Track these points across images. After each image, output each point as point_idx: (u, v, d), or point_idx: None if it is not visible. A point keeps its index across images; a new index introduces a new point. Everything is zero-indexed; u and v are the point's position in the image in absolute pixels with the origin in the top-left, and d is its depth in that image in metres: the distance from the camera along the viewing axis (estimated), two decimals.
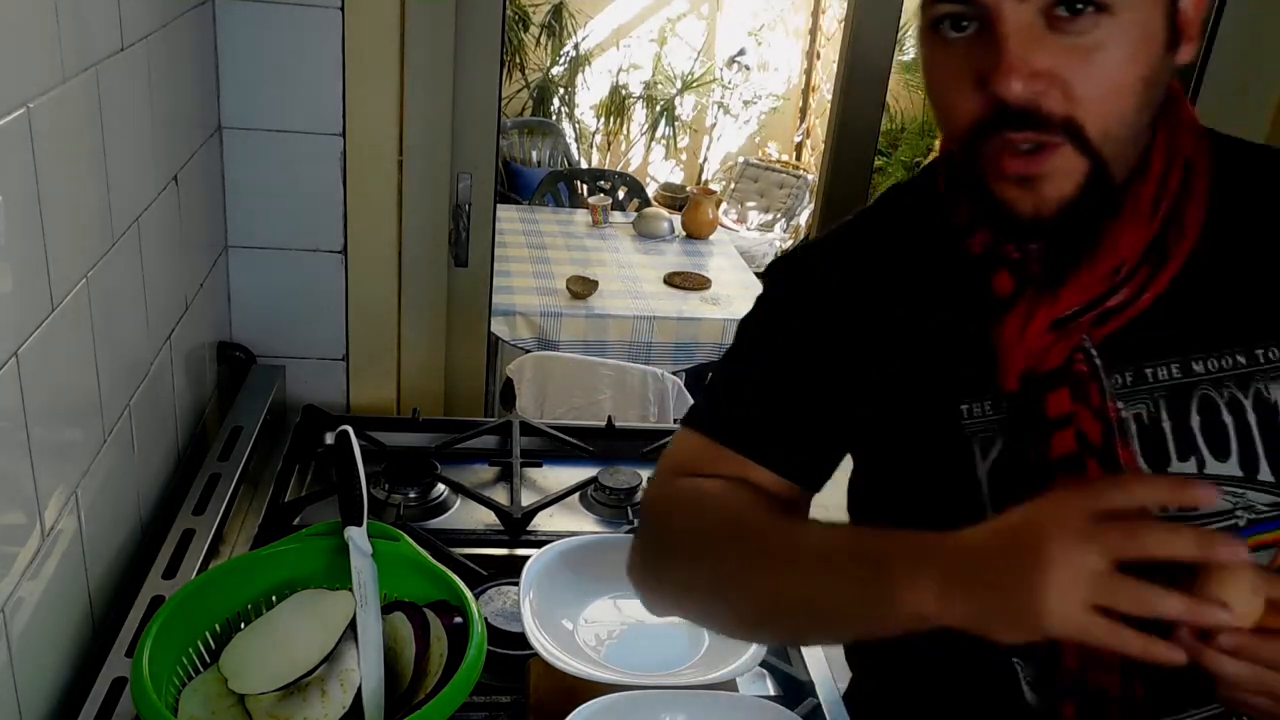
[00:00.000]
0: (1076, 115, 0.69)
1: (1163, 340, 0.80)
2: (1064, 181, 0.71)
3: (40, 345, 0.85)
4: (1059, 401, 0.77)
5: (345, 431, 1.07)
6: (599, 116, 5.95)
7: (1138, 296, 0.77)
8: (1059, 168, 0.70)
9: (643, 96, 5.95)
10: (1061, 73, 0.67)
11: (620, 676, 0.98)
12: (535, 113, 5.73)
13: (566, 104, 5.83)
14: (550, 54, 5.70)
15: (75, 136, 0.94)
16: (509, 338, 2.95)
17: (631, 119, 6.01)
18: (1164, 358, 0.80)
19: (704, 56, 5.94)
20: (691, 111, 6.02)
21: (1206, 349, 0.80)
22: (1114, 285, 0.77)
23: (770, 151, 6.14)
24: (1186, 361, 0.80)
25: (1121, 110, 0.70)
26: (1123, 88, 0.69)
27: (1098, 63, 0.68)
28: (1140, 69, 0.69)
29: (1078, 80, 0.68)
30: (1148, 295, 0.77)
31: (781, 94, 6.04)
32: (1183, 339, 0.80)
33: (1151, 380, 0.80)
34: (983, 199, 0.75)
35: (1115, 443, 0.77)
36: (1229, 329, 0.80)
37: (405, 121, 1.53)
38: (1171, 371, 0.80)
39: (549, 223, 3.82)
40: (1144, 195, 0.76)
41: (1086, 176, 0.71)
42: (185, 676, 0.90)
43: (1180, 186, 0.78)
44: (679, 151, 6.11)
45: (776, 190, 5.36)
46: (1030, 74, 0.67)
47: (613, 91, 5.88)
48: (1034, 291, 0.78)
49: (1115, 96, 0.69)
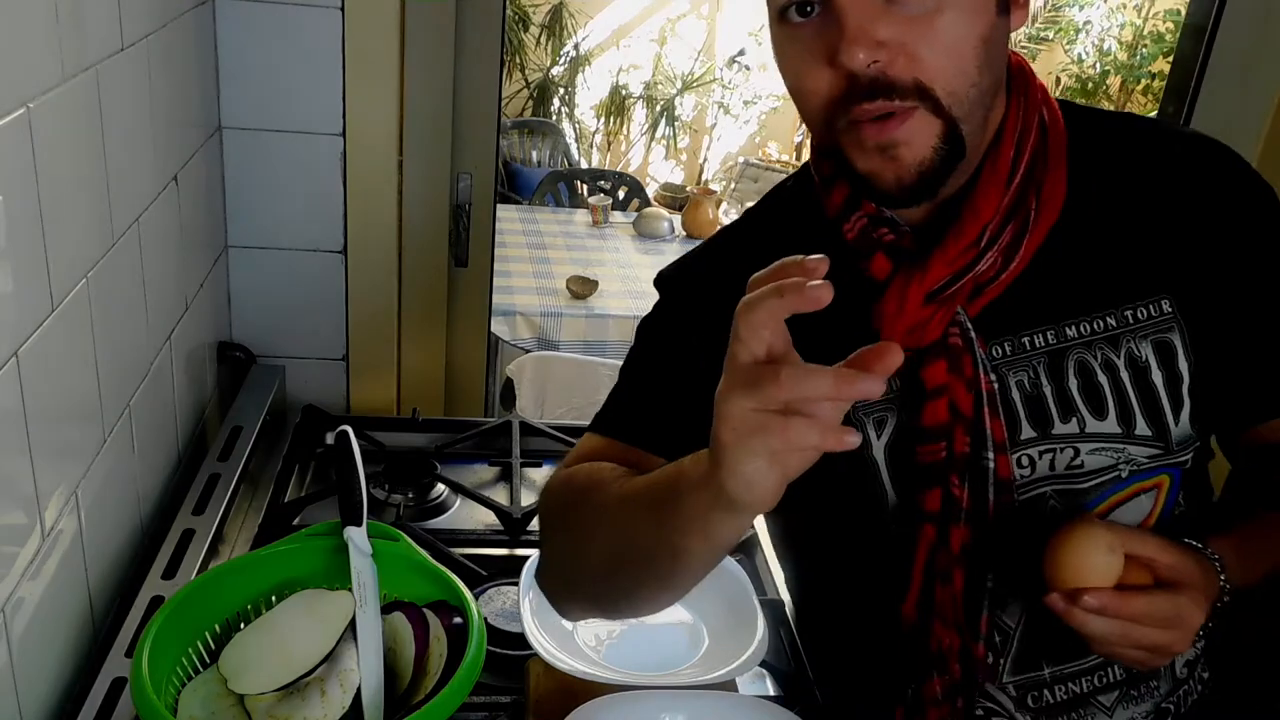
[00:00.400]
0: (924, 78, 0.72)
1: (1036, 308, 0.84)
2: (921, 145, 0.74)
3: (40, 345, 0.85)
4: (935, 374, 0.81)
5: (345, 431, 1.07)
6: (599, 116, 5.95)
7: (1006, 264, 0.81)
8: (915, 131, 0.73)
9: (643, 96, 5.95)
10: (904, 40, 0.71)
11: (619, 676, 0.98)
12: (535, 113, 5.73)
13: (566, 104, 5.83)
14: (550, 54, 5.70)
15: (75, 136, 0.94)
16: (509, 338, 2.95)
17: (631, 119, 6.01)
18: (1038, 325, 0.84)
19: (704, 56, 5.94)
20: (691, 111, 6.02)
21: (1077, 313, 0.84)
22: (980, 253, 0.80)
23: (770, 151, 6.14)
24: (1060, 327, 0.84)
25: (966, 70, 0.73)
26: (964, 49, 0.73)
27: (938, 27, 0.71)
28: (979, 29, 0.73)
29: (921, 45, 0.71)
30: (1016, 263, 0.81)
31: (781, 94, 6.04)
32: (1055, 306, 0.84)
33: (1029, 348, 0.84)
34: (848, 176, 0.79)
35: (984, 413, 0.81)
36: (1098, 293, 0.85)
37: (405, 121, 1.53)
38: (1047, 338, 0.85)
39: (549, 223, 3.82)
40: (1000, 162, 0.80)
41: (941, 138, 0.74)
42: (185, 677, 0.90)
43: (1036, 152, 0.82)
44: (679, 151, 6.11)
45: None
46: (873, 44, 0.70)
47: (613, 91, 5.88)
48: (907, 268, 0.81)
49: (958, 57, 0.73)
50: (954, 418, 0.81)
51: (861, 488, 0.86)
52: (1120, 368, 0.84)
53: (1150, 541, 0.74)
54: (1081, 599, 0.71)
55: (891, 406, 0.86)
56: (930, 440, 0.82)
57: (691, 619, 1.11)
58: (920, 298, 0.80)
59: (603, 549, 0.80)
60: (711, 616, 1.10)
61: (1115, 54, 5.40)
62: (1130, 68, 5.29)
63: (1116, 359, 0.85)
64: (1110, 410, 0.84)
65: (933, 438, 0.82)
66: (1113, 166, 0.86)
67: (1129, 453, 0.85)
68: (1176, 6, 4.93)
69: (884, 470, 0.86)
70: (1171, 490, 0.87)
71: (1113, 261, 0.85)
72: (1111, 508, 0.86)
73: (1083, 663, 0.89)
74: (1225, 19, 1.64)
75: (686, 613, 1.11)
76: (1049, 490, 0.85)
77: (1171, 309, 0.85)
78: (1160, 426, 0.85)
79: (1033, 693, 0.89)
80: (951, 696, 0.85)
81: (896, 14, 0.71)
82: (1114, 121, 0.90)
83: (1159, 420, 0.85)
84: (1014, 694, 0.89)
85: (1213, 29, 1.66)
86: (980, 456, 0.81)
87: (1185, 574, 0.74)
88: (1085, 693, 0.89)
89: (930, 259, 0.80)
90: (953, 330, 0.81)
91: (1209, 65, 1.67)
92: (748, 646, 1.03)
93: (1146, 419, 0.85)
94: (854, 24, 0.70)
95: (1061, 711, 0.89)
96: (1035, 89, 0.84)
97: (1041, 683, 0.89)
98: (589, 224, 3.80)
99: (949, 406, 0.81)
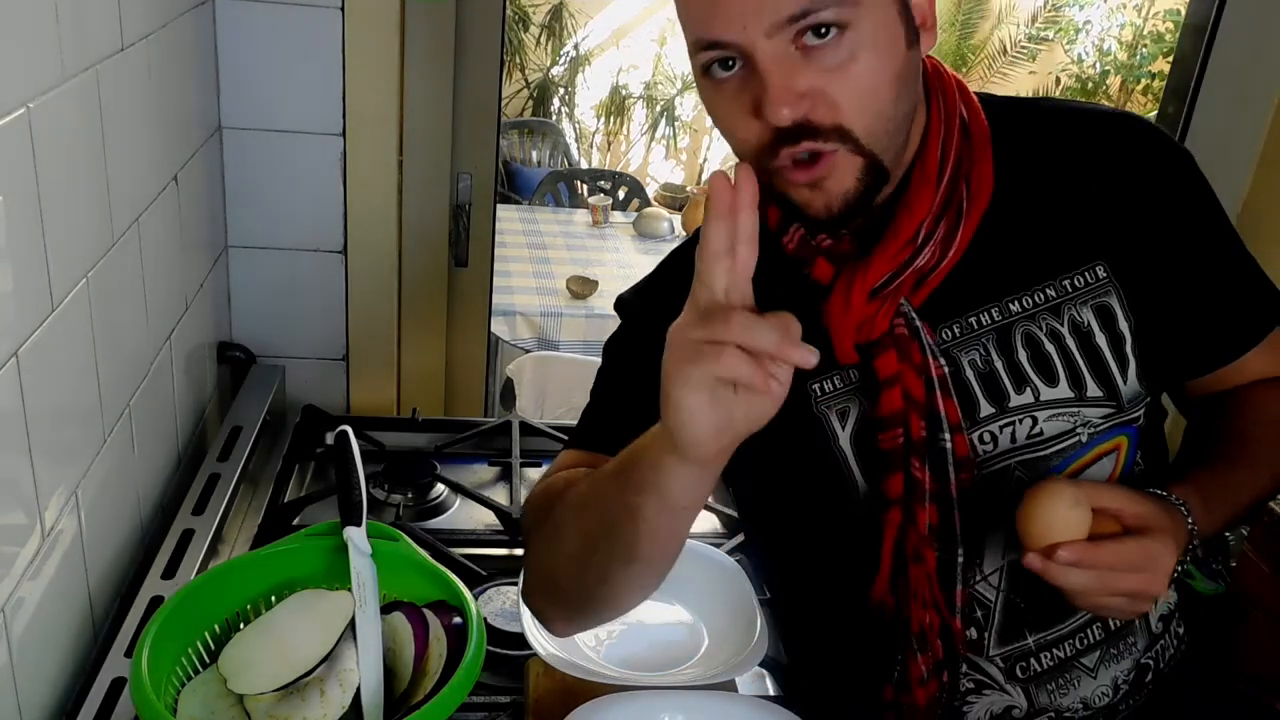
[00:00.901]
0: (843, 121, 0.76)
1: (979, 289, 0.88)
2: (845, 178, 0.78)
3: (40, 345, 0.85)
4: (887, 364, 0.85)
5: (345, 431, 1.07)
6: (599, 116, 5.95)
7: (944, 254, 0.85)
8: (837, 168, 0.78)
9: (643, 96, 5.95)
10: (822, 87, 0.75)
11: (619, 676, 0.98)
12: (535, 113, 5.73)
13: (566, 104, 5.83)
14: (550, 54, 5.70)
15: (75, 136, 0.94)
16: (509, 338, 2.95)
17: (631, 119, 6.01)
18: (982, 304, 0.88)
19: None
20: (691, 111, 6.02)
21: (1018, 288, 0.88)
22: (918, 247, 0.84)
23: None
24: (1004, 304, 0.88)
25: (881, 108, 0.77)
26: (879, 88, 0.76)
27: (852, 74, 0.75)
28: (890, 67, 0.76)
29: (837, 91, 0.75)
30: (953, 252, 0.85)
31: None
32: (996, 284, 0.88)
33: (977, 327, 0.88)
34: (782, 205, 0.83)
35: (936, 396, 0.85)
36: (1035, 267, 0.89)
37: (405, 121, 1.53)
38: (992, 316, 0.88)
39: (549, 223, 3.82)
40: (929, 164, 0.85)
41: (863, 171, 0.78)
42: (185, 677, 0.90)
43: (960, 149, 0.86)
44: (679, 151, 6.11)
45: None
46: (795, 97, 0.74)
47: (613, 91, 5.88)
48: (850, 269, 0.85)
49: (874, 98, 0.76)
50: (908, 404, 0.85)
51: (831, 479, 0.90)
52: (1065, 335, 0.88)
53: (1115, 493, 0.78)
54: (1056, 554, 0.74)
55: (854, 398, 0.89)
56: (888, 427, 0.86)
57: (691, 619, 1.11)
58: (865, 295, 0.84)
59: (574, 535, 0.83)
60: (711, 616, 1.10)
61: (1115, 54, 5.41)
62: (1130, 68, 5.29)
63: (1060, 326, 0.88)
64: (1061, 376, 0.88)
65: (890, 425, 0.85)
66: (1034, 148, 0.90)
67: (1084, 415, 0.88)
68: (1176, 6, 4.94)
69: (852, 460, 0.90)
70: (1130, 451, 0.91)
71: (1045, 236, 0.89)
72: (1075, 473, 0.89)
73: (1063, 627, 0.92)
74: (1225, 19, 1.64)
75: (686, 613, 1.11)
76: (1013, 463, 0.89)
77: (1106, 274, 0.89)
78: (1110, 386, 0.89)
79: (1020, 663, 0.92)
80: (937, 672, 0.89)
81: (814, 65, 0.74)
82: (1028, 105, 0.94)
83: (1108, 380, 0.88)
84: (1002, 665, 0.92)
85: (1213, 29, 1.66)
86: (937, 439, 0.85)
87: (1152, 519, 0.78)
88: (1069, 657, 0.92)
89: (871, 258, 0.84)
90: (898, 321, 0.85)
91: (1209, 65, 1.67)
92: (748, 646, 1.03)
93: (1096, 380, 0.88)
94: (777, 83, 0.74)
95: (1049, 678, 0.92)
96: (951, 89, 0.88)
97: (1027, 652, 0.92)
98: (589, 224, 3.80)
99: (902, 394, 0.85)
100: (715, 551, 1.19)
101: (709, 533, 1.35)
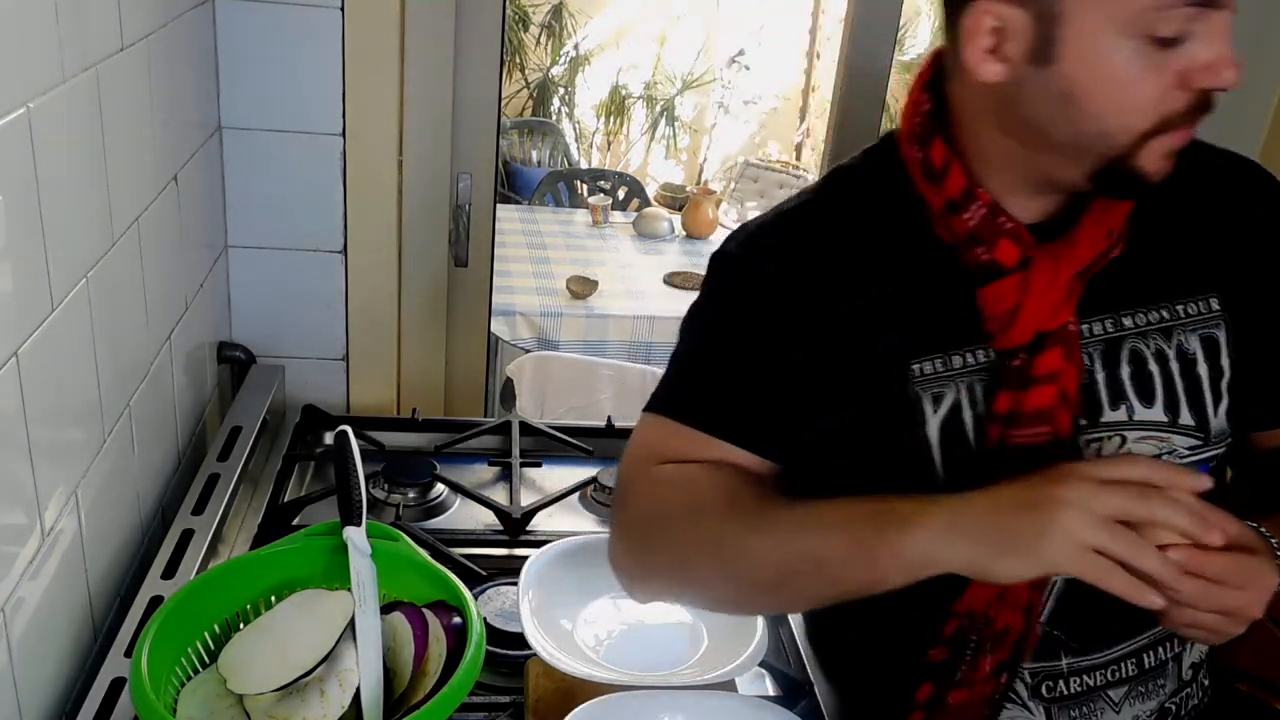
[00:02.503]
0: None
1: (1097, 298, 0.86)
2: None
3: (40, 345, 0.85)
4: (1050, 360, 0.83)
5: (344, 431, 1.07)
6: (599, 116, 5.94)
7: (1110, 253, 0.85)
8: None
9: (643, 96, 5.94)
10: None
11: (619, 676, 0.98)
12: (535, 113, 5.73)
13: (566, 104, 5.83)
14: (550, 54, 5.69)
15: (75, 136, 0.94)
16: (509, 338, 2.95)
17: (631, 119, 6.00)
18: (1098, 314, 0.87)
19: (704, 56, 5.94)
20: (691, 111, 6.02)
21: (1134, 304, 0.88)
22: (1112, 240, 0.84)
23: (770, 151, 6.14)
24: (1118, 317, 0.87)
25: None
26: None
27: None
28: None
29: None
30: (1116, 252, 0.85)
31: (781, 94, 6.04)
32: (1115, 296, 0.87)
33: (1086, 335, 0.87)
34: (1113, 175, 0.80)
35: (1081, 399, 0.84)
36: (1153, 287, 0.88)
37: (405, 121, 1.53)
38: (1105, 327, 0.87)
39: (549, 223, 3.82)
40: None
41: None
42: (184, 677, 0.90)
43: None
44: (679, 151, 6.10)
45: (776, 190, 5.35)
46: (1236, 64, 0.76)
47: (612, 91, 5.88)
48: (1050, 250, 0.83)
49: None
50: (1060, 402, 0.83)
51: (909, 464, 0.87)
52: (1171, 358, 0.87)
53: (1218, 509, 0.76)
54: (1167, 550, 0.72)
55: (952, 384, 0.86)
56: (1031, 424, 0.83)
57: (691, 619, 1.11)
58: (1068, 278, 0.82)
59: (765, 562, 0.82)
60: (711, 616, 1.10)
61: None
62: None
63: (1168, 349, 0.87)
64: (1158, 398, 0.87)
65: (1034, 421, 0.83)
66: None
67: (1173, 442, 0.87)
68: None
69: (936, 448, 0.86)
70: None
71: (1167, 258, 0.88)
72: None
73: (1098, 656, 0.91)
74: None
75: (686, 613, 1.11)
76: None
77: (1219, 307, 0.89)
78: (1202, 417, 0.88)
79: (1047, 682, 0.91)
80: (998, 673, 0.88)
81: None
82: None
83: (1201, 411, 0.88)
84: (1030, 681, 0.91)
85: None
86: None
87: (1252, 540, 0.76)
88: (1097, 686, 0.91)
89: (1076, 243, 0.83)
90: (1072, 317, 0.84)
91: None
92: (748, 646, 1.03)
93: (1190, 409, 0.88)
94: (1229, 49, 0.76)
95: (1073, 703, 0.92)
96: None
97: (1058, 673, 0.91)
98: (589, 224, 3.80)
99: (1058, 392, 0.83)
100: None
101: None
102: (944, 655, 0.89)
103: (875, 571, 0.77)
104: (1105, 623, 0.89)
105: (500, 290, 2.60)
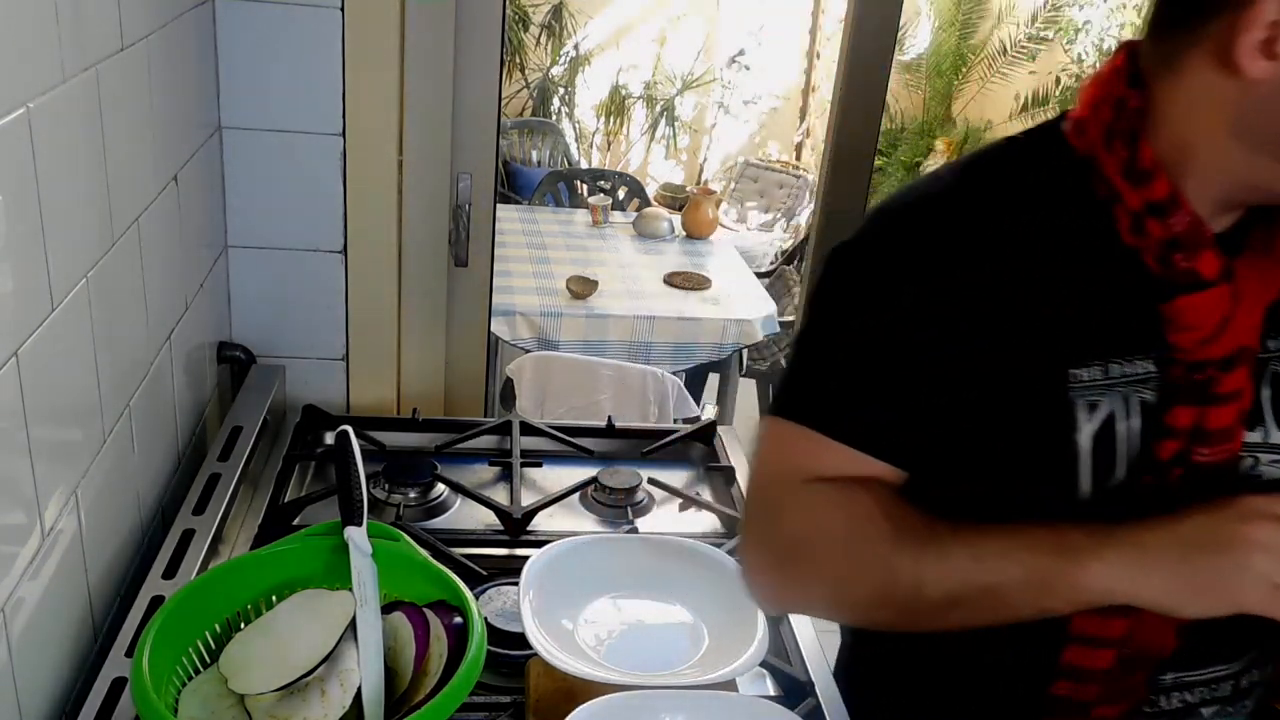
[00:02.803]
0: None
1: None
2: None
3: (40, 345, 0.85)
4: (1237, 377, 0.81)
5: (345, 431, 1.07)
6: (599, 116, 5.95)
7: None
8: None
9: (643, 96, 5.95)
10: None
11: (620, 676, 0.98)
12: (535, 113, 5.73)
13: (566, 104, 5.83)
14: (550, 54, 5.70)
15: (75, 136, 0.94)
16: (509, 338, 2.95)
17: (631, 119, 6.01)
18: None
19: (704, 56, 5.94)
20: (691, 111, 6.02)
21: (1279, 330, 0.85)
22: None
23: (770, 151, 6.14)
24: (1263, 341, 0.84)
25: None
26: None
27: None
28: None
29: None
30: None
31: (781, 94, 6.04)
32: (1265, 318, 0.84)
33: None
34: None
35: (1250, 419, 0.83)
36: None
37: (405, 121, 1.53)
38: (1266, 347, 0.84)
39: (549, 223, 3.82)
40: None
41: None
42: (185, 677, 0.90)
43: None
44: (679, 151, 6.11)
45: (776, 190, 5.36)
46: None
47: (613, 91, 5.88)
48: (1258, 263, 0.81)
49: None
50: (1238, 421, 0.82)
51: (1056, 472, 0.83)
52: None
53: None
54: None
55: (1109, 394, 0.82)
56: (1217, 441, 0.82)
57: (691, 619, 1.11)
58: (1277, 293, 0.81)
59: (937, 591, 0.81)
60: (711, 616, 1.10)
61: None
62: None
63: None
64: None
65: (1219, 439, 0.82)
66: None
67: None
68: None
69: (1087, 457, 0.82)
70: None
71: None
72: None
73: (1201, 672, 0.90)
74: None
75: (686, 613, 1.11)
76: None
77: None
78: None
79: (1150, 697, 0.89)
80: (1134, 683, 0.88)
81: None
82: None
83: None
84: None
85: None
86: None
87: None
88: (1194, 703, 0.90)
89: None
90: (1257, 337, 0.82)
91: None
92: (748, 646, 1.03)
93: None
94: None
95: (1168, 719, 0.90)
96: None
97: (1161, 688, 0.89)
98: (589, 224, 3.80)
99: (1239, 411, 0.82)
100: (715, 551, 1.19)
101: (709, 533, 1.35)
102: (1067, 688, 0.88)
103: (1046, 601, 0.78)
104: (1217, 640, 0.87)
105: (500, 290, 2.60)
